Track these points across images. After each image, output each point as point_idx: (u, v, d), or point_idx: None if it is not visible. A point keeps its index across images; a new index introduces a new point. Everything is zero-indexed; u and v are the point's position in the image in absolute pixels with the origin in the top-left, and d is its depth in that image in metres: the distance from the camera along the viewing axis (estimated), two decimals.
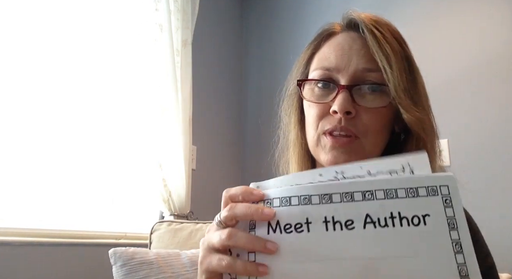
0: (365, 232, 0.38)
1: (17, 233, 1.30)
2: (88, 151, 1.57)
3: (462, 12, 1.85)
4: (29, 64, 1.42)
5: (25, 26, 1.42)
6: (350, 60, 0.60)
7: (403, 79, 0.58)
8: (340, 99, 0.57)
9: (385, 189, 0.39)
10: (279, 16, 2.43)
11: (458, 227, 0.37)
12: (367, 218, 0.38)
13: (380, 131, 0.60)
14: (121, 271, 1.17)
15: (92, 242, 1.48)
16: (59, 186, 1.47)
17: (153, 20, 1.75)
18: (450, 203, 0.38)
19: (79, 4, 1.61)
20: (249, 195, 0.43)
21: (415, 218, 0.38)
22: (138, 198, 1.75)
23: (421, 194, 0.38)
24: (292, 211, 0.40)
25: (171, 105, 1.74)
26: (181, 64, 1.84)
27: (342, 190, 0.39)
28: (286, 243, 0.39)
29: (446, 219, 0.38)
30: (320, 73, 0.62)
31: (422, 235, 0.37)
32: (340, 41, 0.63)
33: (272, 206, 0.41)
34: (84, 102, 1.58)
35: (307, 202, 0.40)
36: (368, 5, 2.08)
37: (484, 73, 1.75)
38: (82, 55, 1.60)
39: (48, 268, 1.34)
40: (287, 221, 0.40)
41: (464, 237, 0.37)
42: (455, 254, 0.37)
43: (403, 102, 0.57)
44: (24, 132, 1.39)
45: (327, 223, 0.38)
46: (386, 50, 0.58)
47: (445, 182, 0.39)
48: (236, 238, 0.41)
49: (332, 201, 0.39)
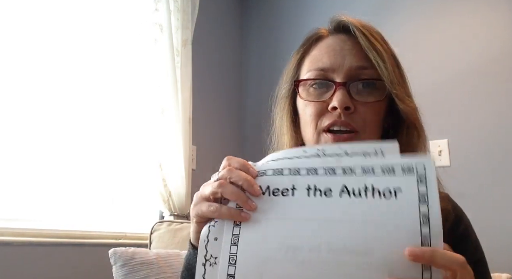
0: (340, 200, 0.42)
1: (17, 233, 1.30)
2: (88, 151, 1.57)
3: (462, 13, 1.85)
4: (32, 63, 1.42)
5: (25, 27, 1.42)
6: (344, 60, 0.63)
7: (395, 73, 0.62)
8: (339, 95, 0.60)
9: (364, 166, 0.43)
10: (279, 16, 2.43)
11: (429, 202, 0.40)
12: (344, 188, 0.43)
13: (377, 125, 0.63)
14: (121, 271, 1.17)
15: (92, 242, 1.48)
16: (59, 186, 1.47)
17: (153, 20, 1.74)
18: (425, 181, 0.41)
19: (79, 5, 1.61)
20: (246, 169, 0.48)
21: (387, 191, 0.41)
22: (138, 198, 1.75)
23: (397, 172, 0.42)
24: (282, 179, 0.46)
25: (171, 105, 1.74)
26: (181, 64, 1.84)
27: (327, 165, 0.45)
28: (272, 203, 0.45)
29: (418, 194, 0.40)
30: (315, 74, 0.65)
31: (391, 206, 0.41)
32: (330, 43, 0.66)
33: (265, 175, 0.47)
34: (83, 102, 1.58)
35: (296, 173, 0.46)
36: (368, 6, 2.08)
37: (484, 73, 1.75)
38: (83, 55, 1.60)
39: (48, 268, 1.34)
40: (276, 186, 0.46)
41: (432, 211, 0.39)
42: (421, 226, 0.39)
43: (400, 93, 0.61)
44: (24, 132, 1.39)
45: (309, 190, 0.44)
46: (377, 47, 0.62)
47: (423, 162, 0.42)
48: (224, 188, 0.47)
49: (317, 173, 0.45)
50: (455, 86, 1.80)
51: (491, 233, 1.57)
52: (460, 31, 1.84)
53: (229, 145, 2.28)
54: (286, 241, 0.43)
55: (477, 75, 1.76)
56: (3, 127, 1.34)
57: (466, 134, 1.74)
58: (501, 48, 1.73)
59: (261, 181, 0.47)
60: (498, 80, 1.72)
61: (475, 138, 1.72)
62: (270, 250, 0.43)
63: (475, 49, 1.79)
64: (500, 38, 1.74)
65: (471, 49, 1.80)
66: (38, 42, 1.45)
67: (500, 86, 1.71)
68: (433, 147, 1.75)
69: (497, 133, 1.68)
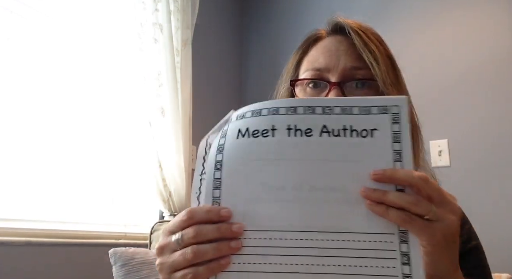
0: (320, 139, 0.44)
1: (17, 233, 1.30)
2: (88, 151, 1.57)
3: (462, 13, 1.85)
4: (32, 63, 1.42)
5: (26, 27, 1.42)
6: (339, 60, 0.64)
7: (389, 74, 0.62)
8: (333, 95, 0.62)
9: (342, 106, 0.44)
10: (279, 16, 2.43)
11: (401, 140, 0.42)
12: (323, 128, 0.44)
13: None
14: (121, 271, 1.17)
15: (92, 242, 1.48)
16: (60, 186, 1.47)
17: (153, 20, 1.75)
18: (398, 120, 0.43)
19: (79, 5, 1.61)
20: (216, 216, 0.42)
21: (364, 131, 0.43)
22: (138, 198, 1.75)
23: (373, 112, 0.44)
24: (261, 120, 0.46)
25: (171, 105, 1.74)
26: (181, 64, 1.84)
27: (305, 104, 0.45)
28: (253, 145, 0.45)
29: (392, 133, 0.43)
30: (311, 74, 0.66)
31: (367, 145, 0.43)
32: (327, 44, 0.68)
33: (244, 117, 0.47)
34: (83, 102, 1.58)
35: (274, 112, 0.45)
36: (368, 7, 2.08)
37: (484, 74, 1.75)
38: (83, 55, 1.60)
39: (48, 268, 1.34)
40: (255, 128, 0.45)
41: (405, 149, 0.42)
42: (394, 162, 0.42)
43: (391, 94, 0.61)
44: (24, 132, 1.39)
45: (289, 130, 0.44)
46: (372, 48, 0.63)
47: (396, 103, 0.44)
48: (203, 253, 0.41)
49: (297, 112, 0.45)
50: (455, 86, 1.80)
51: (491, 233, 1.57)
52: (460, 31, 1.84)
53: None
54: (268, 181, 0.43)
55: (477, 76, 1.76)
56: (3, 128, 1.34)
57: (466, 134, 1.74)
58: (501, 49, 1.74)
59: (241, 124, 0.47)
60: (498, 81, 1.72)
61: (475, 139, 1.72)
62: (253, 191, 0.44)
63: (475, 50, 1.79)
64: (500, 39, 1.75)
65: (471, 50, 1.80)
66: (39, 42, 1.46)
67: (500, 86, 1.71)
68: (433, 147, 1.75)
69: (497, 134, 1.68)
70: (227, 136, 0.47)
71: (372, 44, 0.63)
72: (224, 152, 0.46)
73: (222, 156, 0.46)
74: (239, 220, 0.43)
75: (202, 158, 0.48)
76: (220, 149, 0.47)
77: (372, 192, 0.41)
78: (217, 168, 0.45)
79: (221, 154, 0.46)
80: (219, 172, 0.45)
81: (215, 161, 0.46)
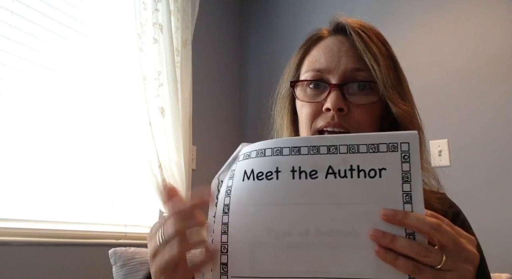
0: (325, 181, 0.42)
1: (17, 233, 1.30)
2: (88, 151, 1.57)
3: (462, 13, 1.85)
4: (32, 63, 1.42)
5: (26, 27, 1.42)
6: (340, 61, 0.63)
7: (390, 76, 0.61)
8: (333, 97, 0.61)
9: (348, 144, 0.42)
10: (279, 16, 2.43)
11: (411, 180, 0.41)
12: (329, 169, 0.42)
13: (372, 126, 0.63)
14: (121, 271, 1.17)
15: (92, 242, 1.48)
16: (59, 186, 1.47)
17: (153, 20, 1.75)
18: (408, 159, 0.41)
19: (79, 5, 1.61)
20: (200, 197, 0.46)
21: (372, 171, 0.41)
22: (138, 198, 1.75)
23: (382, 150, 0.42)
24: (265, 161, 0.45)
25: (171, 105, 1.74)
26: (181, 64, 1.84)
27: (310, 143, 0.44)
28: (258, 188, 0.44)
29: (401, 173, 0.41)
30: (312, 75, 0.65)
31: (376, 186, 0.41)
32: (328, 44, 0.67)
33: (250, 157, 0.46)
34: (83, 103, 1.58)
35: (278, 153, 0.44)
36: (367, 7, 2.08)
37: (484, 74, 1.75)
38: (83, 55, 1.59)
39: (48, 268, 1.34)
40: (260, 169, 0.45)
41: (415, 190, 0.40)
42: (404, 204, 0.40)
43: (392, 96, 0.61)
44: (24, 132, 1.39)
45: (294, 172, 0.43)
46: (373, 50, 0.62)
47: (406, 139, 0.42)
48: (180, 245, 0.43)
49: (301, 153, 0.43)
50: (455, 86, 1.80)
51: (491, 233, 1.57)
52: (461, 30, 1.84)
53: (229, 145, 2.28)
54: (274, 226, 0.43)
55: (477, 75, 1.76)
56: (4, 128, 1.34)
57: (466, 134, 1.74)
58: (501, 48, 1.74)
59: (246, 164, 0.46)
60: (498, 80, 1.72)
61: (475, 139, 1.72)
62: (260, 236, 0.43)
63: (475, 49, 1.79)
64: (500, 38, 1.75)
65: (471, 49, 1.80)
66: (39, 42, 1.45)
67: (500, 86, 1.71)
68: (433, 147, 1.75)
69: (497, 134, 1.68)
70: (234, 177, 0.47)
71: (374, 45, 0.62)
72: (232, 196, 0.46)
73: (230, 200, 0.46)
74: (246, 264, 0.43)
75: (216, 197, 0.48)
76: (228, 192, 0.46)
77: (382, 236, 0.39)
78: (225, 212, 0.45)
79: (229, 197, 0.46)
80: (227, 216, 0.45)
81: (223, 205, 0.46)
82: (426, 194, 0.65)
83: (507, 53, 1.72)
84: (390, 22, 1.99)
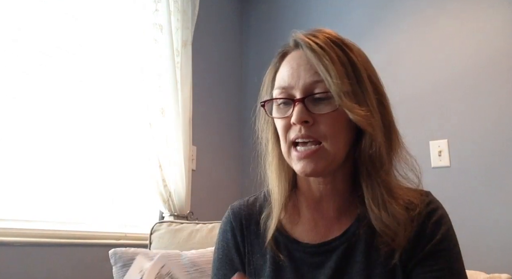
0: None
1: (17, 233, 1.30)
2: (89, 151, 1.57)
3: (462, 13, 1.85)
4: (33, 62, 1.42)
5: (26, 28, 1.42)
6: (299, 77, 0.67)
7: (344, 84, 0.64)
8: (296, 111, 0.66)
9: None
10: (279, 16, 2.43)
11: None
12: None
13: (338, 133, 0.67)
14: (121, 271, 1.17)
15: (92, 243, 1.48)
16: (60, 187, 1.47)
17: (153, 21, 1.75)
18: None
19: (79, 5, 1.61)
20: None
21: None
22: (138, 198, 1.75)
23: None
24: None
25: (171, 105, 1.74)
26: (181, 64, 1.84)
27: None
28: None
29: None
30: (279, 92, 0.71)
31: None
32: (289, 60, 0.71)
33: None
34: (83, 102, 1.58)
35: None
36: (367, 6, 2.08)
37: (484, 74, 1.75)
38: (83, 55, 1.60)
39: (48, 269, 1.34)
40: None
41: None
42: None
43: (346, 104, 0.64)
44: (24, 133, 1.39)
45: None
46: (324, 62, 0.65)
47: None
48: None
49: None
50: (455, 86, 1.80)
51: (491, 233, 1.57)
52: (460, 31, 1.84)
53: (229, 145, 2.28)
54: None
55: (477, 75, 1.76)
56: (4, 128, 1.34)
57: (466, 134, 1.74)
58: (501, 48, 1.74)
59: None
60: (498, 80, 1.72)
61: (475, 139, 1.72)
62: None
63: (475, 50, 1.79)
64: (500, 38, 1.75)
65: (471, 50, 1.80)
66: (39, 43, 1.45)
67: (500, 86, 1.71)
68: (433, 147, 1.75)
69: (496, 134, 1.68)
70: None
71: (326, 55, 0.65)
72: None
73: None
74: None
75: None
76: None
77: None
78: None
79: None
80: None
81: None
82: (400, 192, 0.67)
83: (507, 53, 1.72)
84: (390, 22, 1.99)
